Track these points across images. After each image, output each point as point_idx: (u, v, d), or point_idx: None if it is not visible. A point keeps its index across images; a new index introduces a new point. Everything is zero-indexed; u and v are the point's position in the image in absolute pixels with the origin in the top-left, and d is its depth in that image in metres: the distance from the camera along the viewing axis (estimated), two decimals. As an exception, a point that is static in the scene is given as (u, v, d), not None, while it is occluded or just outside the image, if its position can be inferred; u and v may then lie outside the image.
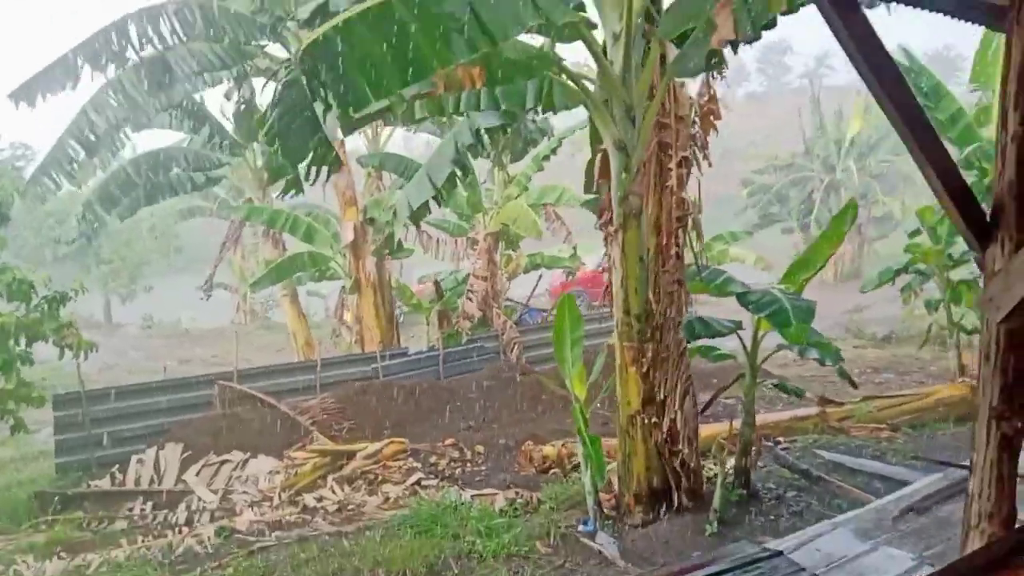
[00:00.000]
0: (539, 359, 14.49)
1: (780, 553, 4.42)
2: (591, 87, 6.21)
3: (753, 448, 7.26)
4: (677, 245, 6.45)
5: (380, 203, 14.17)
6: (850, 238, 34.15)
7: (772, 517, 6.81)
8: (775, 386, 7.26)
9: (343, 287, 15.76)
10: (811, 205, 34.46)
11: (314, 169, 5.98)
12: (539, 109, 6.58)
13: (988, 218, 3.63)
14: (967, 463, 7.26)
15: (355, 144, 17.74)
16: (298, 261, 14.08)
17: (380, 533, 6.78)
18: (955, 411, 9.56)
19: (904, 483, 7.24)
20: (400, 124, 12.77)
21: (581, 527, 6.64)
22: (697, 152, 6.71)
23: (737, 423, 9.19)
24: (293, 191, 7.02)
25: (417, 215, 10.52)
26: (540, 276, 19.37)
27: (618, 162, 6.02)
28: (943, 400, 9.61)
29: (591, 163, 6.75)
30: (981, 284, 10.00)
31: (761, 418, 8.47)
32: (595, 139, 6.63)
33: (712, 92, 7.03)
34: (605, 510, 6.67)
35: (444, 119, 11.65)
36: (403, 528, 6.86)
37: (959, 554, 5.28)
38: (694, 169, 6.75)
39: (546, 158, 14.07)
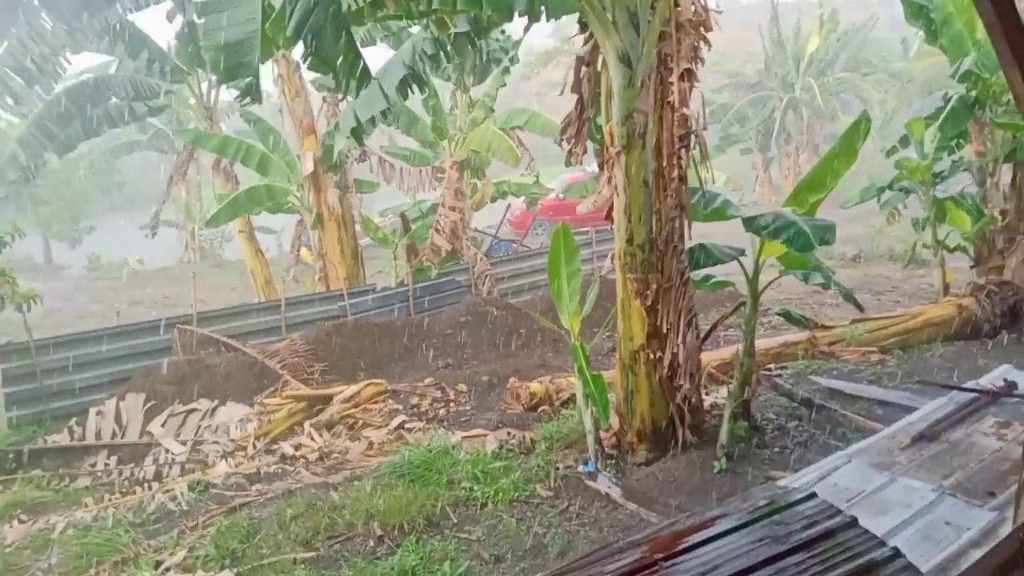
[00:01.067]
0: (512, 291, 14.09)
1: (814, 495, 4.11)
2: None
3: (753, 377, 6.99)
4: (679, 167, 5.97)
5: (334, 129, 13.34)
6: (810, 157, 34.21)
7: (777, 449, 6.58)
8: (779, 314, 6.94)
9: (299, 221, 14.99)
10: (771, 125, 34.19)
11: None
12: (527, 16, 5.92)
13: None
14: (968, 385, 7.11)
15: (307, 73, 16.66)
16: (255, 194, 13.26)
17: (370, 483, 6.38)
18: (942, 331, 9.43)
19: (906, 408, 7.08)
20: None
21: (582, 468, 6.34)
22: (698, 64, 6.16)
23: (724, 352, 9.07)
24: (249, 98, 6.34)
25: (361, 130, 9.70)
26: (509, 205, 18.83)
27: (621, 76, 5.46)
28: (931, 320, 9.46)
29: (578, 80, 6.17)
30: (980, 199, 9.62)
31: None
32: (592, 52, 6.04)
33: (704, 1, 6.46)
34: (606, 449, 6.35)
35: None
36: (394, 476, 6.47)
37: (985, 485, 5.11)
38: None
39: (506, 71, 13.28)
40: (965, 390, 6.85)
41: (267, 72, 13.61)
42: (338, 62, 5.48)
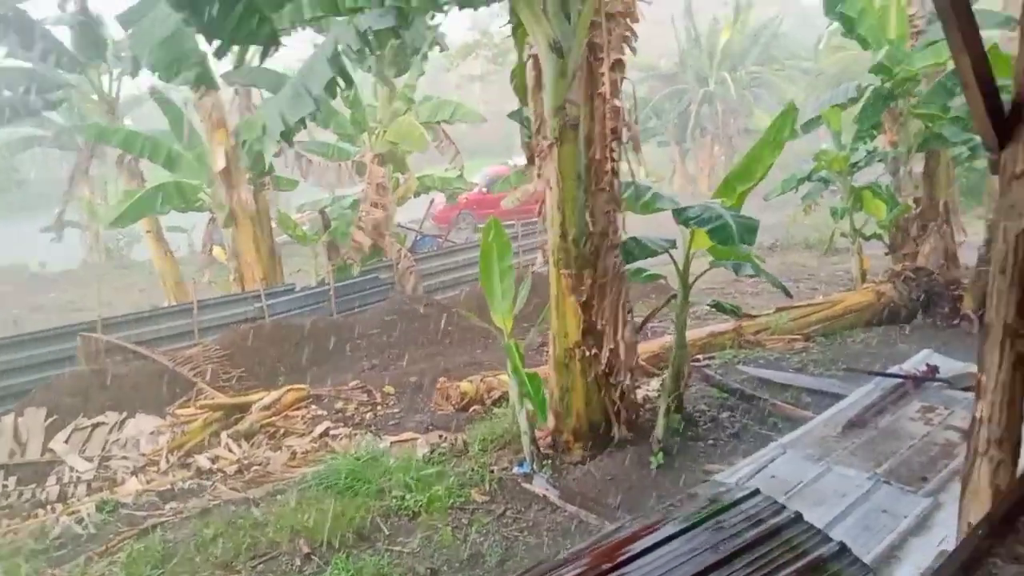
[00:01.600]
0: (438, 287, 13.80)
1: (757, 491, 4.04)
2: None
3: (685, 370, 6.94)
4: (612, 160, 5.85)
5: (252, 125, 12.73)
6: (723, 149, 35.02)
7: (711, 442, 6.56)
8: (711, 305, 6.90)
9: (211, 219, 14.28)
10: (687, 118, 34.78)
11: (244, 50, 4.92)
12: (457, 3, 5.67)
13: (1007, 115, 3.22)
14: (893, 371, 7.24)
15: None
16: (164, 192, 12.53)
17: (294, 496, 6.01)
18: (862, 317, 9.67)
19: (833, 395, 7.17)
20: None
21: (517, 469, 6.15)
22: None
23: (652, 344, 9.04)
24: (204, 87, 5.88)
25: (292, 131, 9.34)
26: (432, 200, 18.48)
27: (552, 66, 5.28)
28: (851, 307, 9.69)
29: (519, 69, 5.96)
30: (894, 188, 9.83)
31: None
32: (521, 43, 5.83)
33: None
34: (541, 449, 6.18)
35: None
36: (320, 488, 6.13)
37: (917, 470, 5.16)
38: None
39: (425, 57, 12.93)
40: (890, 376, 6.99)
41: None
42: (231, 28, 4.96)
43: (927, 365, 7.01)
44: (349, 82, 7.91)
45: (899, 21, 10.20)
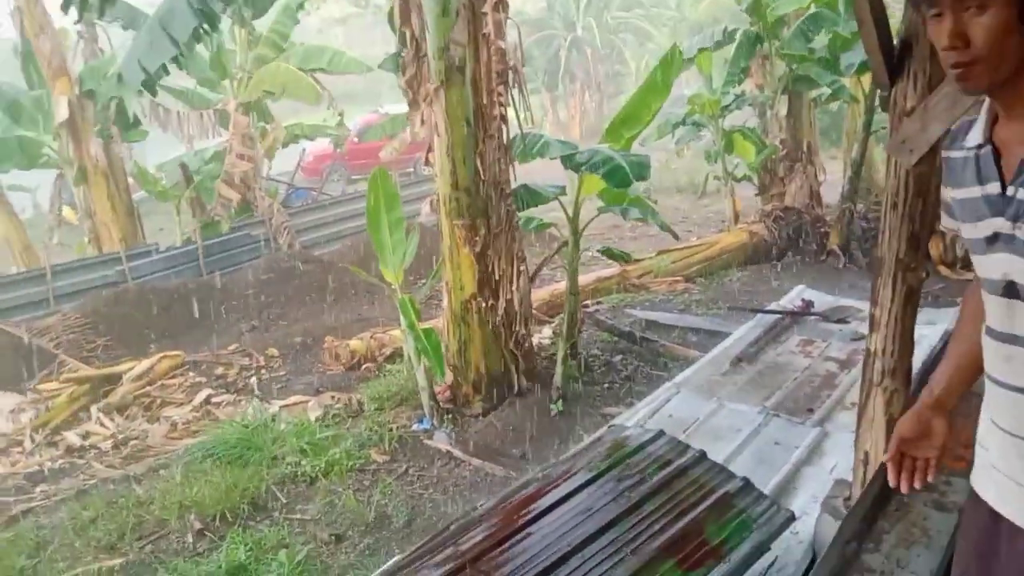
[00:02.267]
0: (315, 243, 13.27)
1: (661, 433, 4.10)
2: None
3: (578, 316, 6.99)
4: (500, 105, 5.67)
5: (100, 71, 11.63)
6: (591, 95, 35.44)
7: (607, 385, 6.66)
8: (601, 251, 6.95)
9: (58, 176, 13.06)
10: (556, 64, 34.84)
11: None
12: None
13: (897, 51, 3.28)
14: (771, 307, 7.55)
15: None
16: (5, 148, 11.28)
17: (179, 470, 5.66)
18: (737, 257, 10.06)
19: (718, 333, 7.43)
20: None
21: (416, 426, 6.04)
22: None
23: (541, 292, 9.05)
24: None
25: (153, 81, 8.67)
26: (304, 150, 17.62)
27: (434, 3, 5.00)
28: (726, 248, 10.05)
29: (393, 8, 5.63)
30: (762, 130, 10.22)
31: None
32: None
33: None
34: (441, 404, 6.07)
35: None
36: (206, 460, 5.79)
37: (803, 402, 5.39)
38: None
39: (300, 7, 12.19)
40: (769, 312, 7.28)
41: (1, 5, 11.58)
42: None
43: (802, 300, 7.36)
44: (215, 24, 7.30)
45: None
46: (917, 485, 1.83)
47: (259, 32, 13.17)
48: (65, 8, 5.57)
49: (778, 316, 7.10)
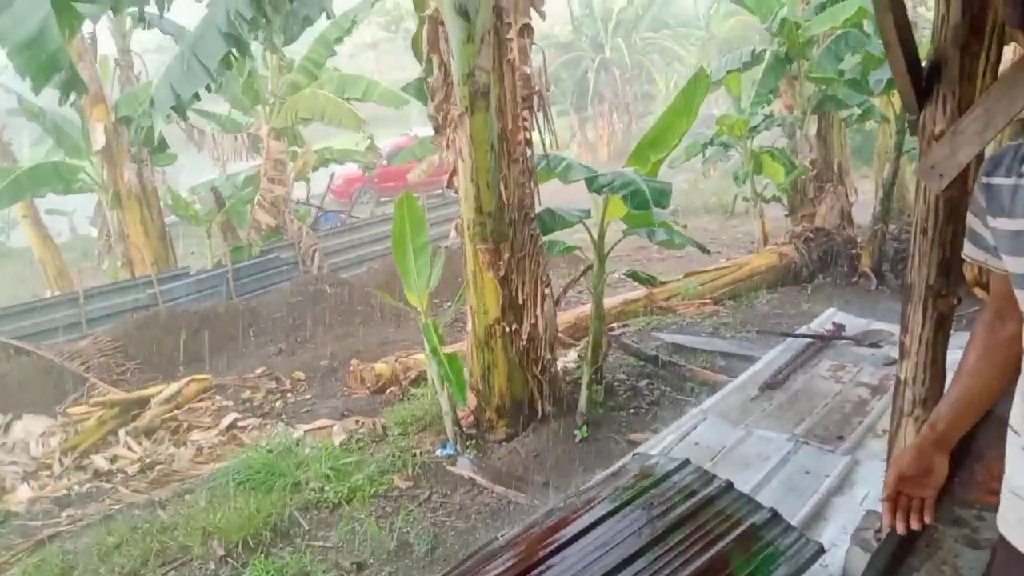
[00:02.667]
0: (343, 265, 13.37)
1: (687, 462, 4.02)
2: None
3: (604, 340, 6.92)
4: (524, 129, 5.67)
5: (135, 97, 11.87)
6: (620, 116, 35.46)
7: (632, 410, 6.57)
8: (627, 275, 6.89)
9: (99, 201, 13.33)
10: (585, 86, 34.93)
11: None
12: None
13: (925, 74, 3.21)
14: (802, 331, 7.41)
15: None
16: (42, 173, 11.55)
17: (204, 495, 5.67)
18: (767, 279, 9.92)
19: (747, 358, 7.31)
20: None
21: (440, 451, 5.99)
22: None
23: (567, 315, 8.99)
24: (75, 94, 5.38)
25: (183, 107, 8.79)
26: (333, 173, 17.81)
27: (459, 30, 5.02)
28: (756, 269, 9.92)
29: (418, 35, 5.68)
30: (791, 151, 10.09)
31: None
32: (419, 6, 5.55)
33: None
34: (464, 429, 6.03)
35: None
36: (231, 485, 5.79)
37: (833, 429, 5.26)
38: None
39: (339, 40, 12.35)
40: (799, 336, 7.16)
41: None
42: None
43: (833, 324, 7.22)
44: (245, 51, 7.43)
45: (790, -16, 10.40)
46: (915, 526, 1.75)
47: (291, 58, 13.41)
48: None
49: (808, 340, 6.97)
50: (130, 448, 7.27)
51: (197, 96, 8.68)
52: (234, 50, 7.80)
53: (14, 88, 11.56)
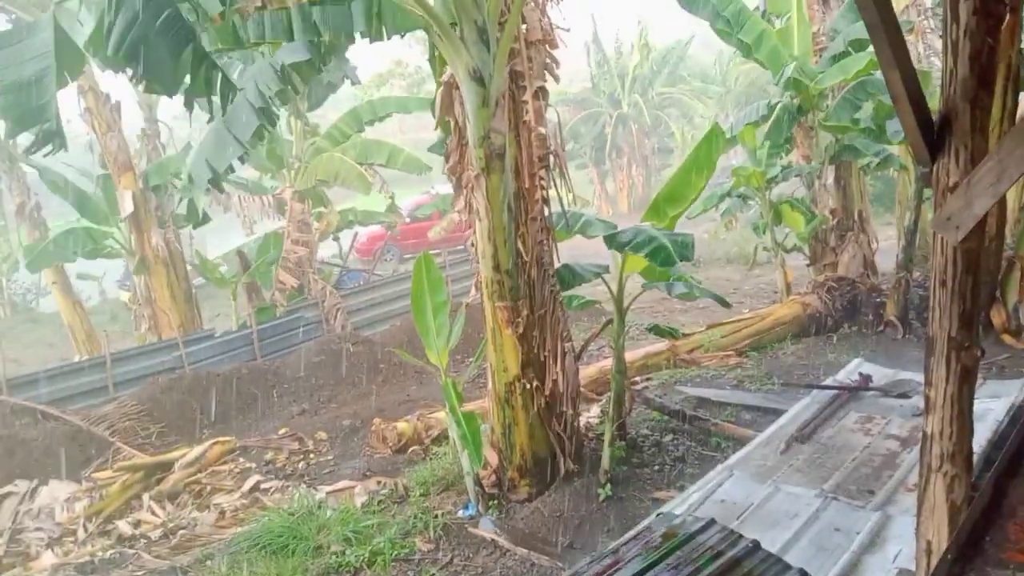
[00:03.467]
0: (366, 323, 13.43)
1: (712, 522, 3.93)
2: (433, 4, 5.19)
3: (626, 395, 6.85)
4: (541, 188, 5.74)
5: (166, 168, 12.19)
6: (638, 169, 35.76)
7: (657, 467, 6.46)
8: (648, 329, 6.85)
9: (126, 266, 13.63)
10: (603, 140, 35.37)
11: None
12: (368, 36, 5.49)
13: (937, 127, 3.22)
14: (828, 382, 7.28)
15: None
16: (72, 238, 11.84)
17: (225, 560, 5.63)
18: (791, 329, 9.82)
19: (772, 411, 7.19)
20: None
21: (462, 512, 5.92)
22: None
23: (589, 369, 8.93)
24: (50, 148, 5.51)
25: (219, 180, 9.12)
26: (356, 233, 18.04)
27: (474, 95, 5.13)
28: (780, 320, 9.83)
29: (436, 98, 5.80)
30: (810, 200, 10.06)
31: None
32: (439, 71, 5.69)
33: (549, 18, 6.29)
34: (486, 489, 5.95)
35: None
36: (252, 549, 5.75)
37: (863, 483, 5.14)
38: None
39: (370, 123, 12.61)
40: (825, 387, 7.04)
41: (72, 106, 12.29)
42: (185, 79, 4.75)
43: (860, 374, 7.11)
44: (274, 122, 7.69)
45: (802, 38, 10.52)
46: None
47: (315, 123, 13.74)
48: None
49: (835, 392, 6.86)
50: (154, 512, 7.27)
51: (232, 168, 8.97)
52: (265, 123, 8.04)
53: (37, 162, 11.94)
